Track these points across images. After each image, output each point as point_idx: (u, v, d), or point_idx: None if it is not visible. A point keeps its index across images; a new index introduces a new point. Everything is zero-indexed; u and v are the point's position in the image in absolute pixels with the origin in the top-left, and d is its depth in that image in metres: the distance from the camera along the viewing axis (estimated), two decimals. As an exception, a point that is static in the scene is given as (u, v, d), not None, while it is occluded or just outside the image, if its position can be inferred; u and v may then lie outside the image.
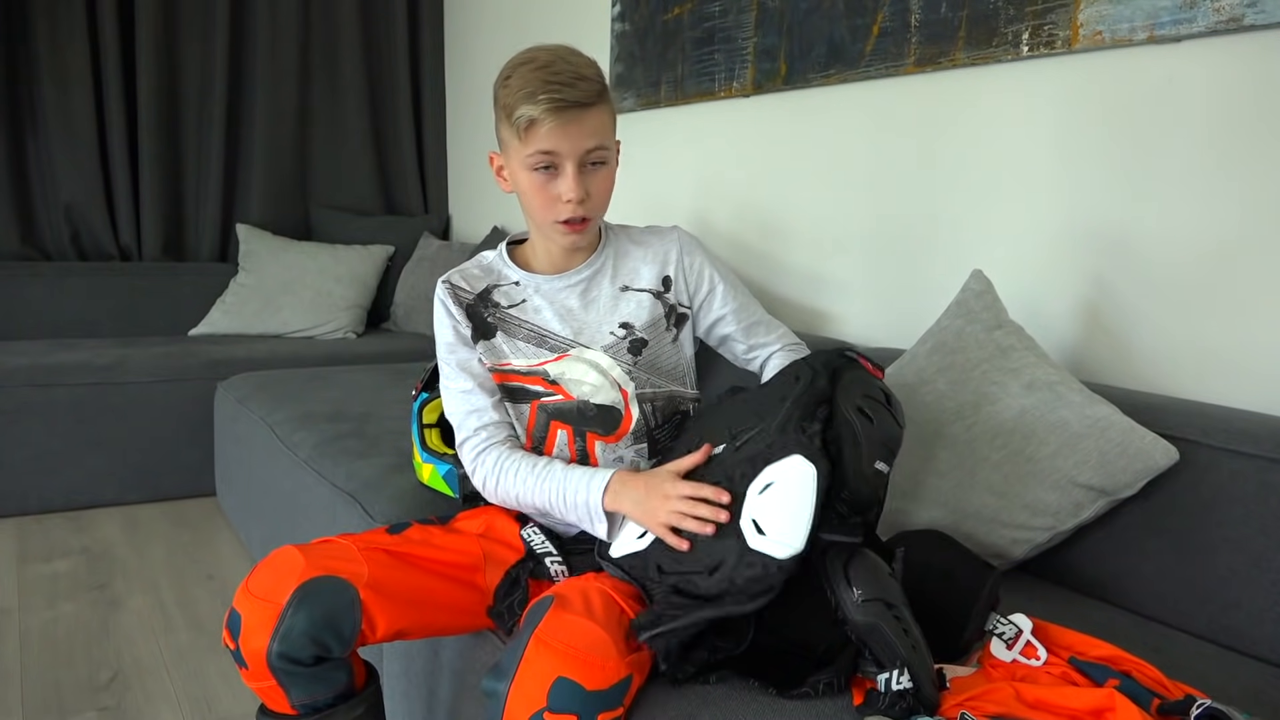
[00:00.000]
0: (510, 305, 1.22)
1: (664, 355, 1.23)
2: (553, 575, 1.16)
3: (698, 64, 2.34)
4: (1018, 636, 0.98)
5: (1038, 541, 1.29)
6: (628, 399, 1.19)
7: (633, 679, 0.92)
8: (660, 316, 1.24)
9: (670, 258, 1.27)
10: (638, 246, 1.27)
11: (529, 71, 1.10)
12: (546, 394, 1.19)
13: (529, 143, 1.11)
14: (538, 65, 1.10)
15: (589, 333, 1.21)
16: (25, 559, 2.37)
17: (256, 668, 1.03)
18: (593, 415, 1.19)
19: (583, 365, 1.19)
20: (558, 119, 1.09)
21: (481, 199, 3.66)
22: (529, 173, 1.13)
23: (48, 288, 3.14)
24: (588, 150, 1.12)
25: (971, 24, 1.65)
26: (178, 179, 3.45)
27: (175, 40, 3.36)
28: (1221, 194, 1.35)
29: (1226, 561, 1.18)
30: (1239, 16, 1.28)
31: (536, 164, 1.12)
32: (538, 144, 1.11)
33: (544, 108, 1.08)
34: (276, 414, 2.19)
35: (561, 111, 1.09)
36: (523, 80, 1.10)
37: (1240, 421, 1.24)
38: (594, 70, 1.14)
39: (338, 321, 3.30)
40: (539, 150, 1.11)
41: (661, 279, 1.25)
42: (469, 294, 1.23)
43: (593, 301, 1.23)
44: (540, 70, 1.10)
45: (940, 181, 1.78)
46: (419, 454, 1.53)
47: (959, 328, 1.44)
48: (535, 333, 1.21)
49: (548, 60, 1.11)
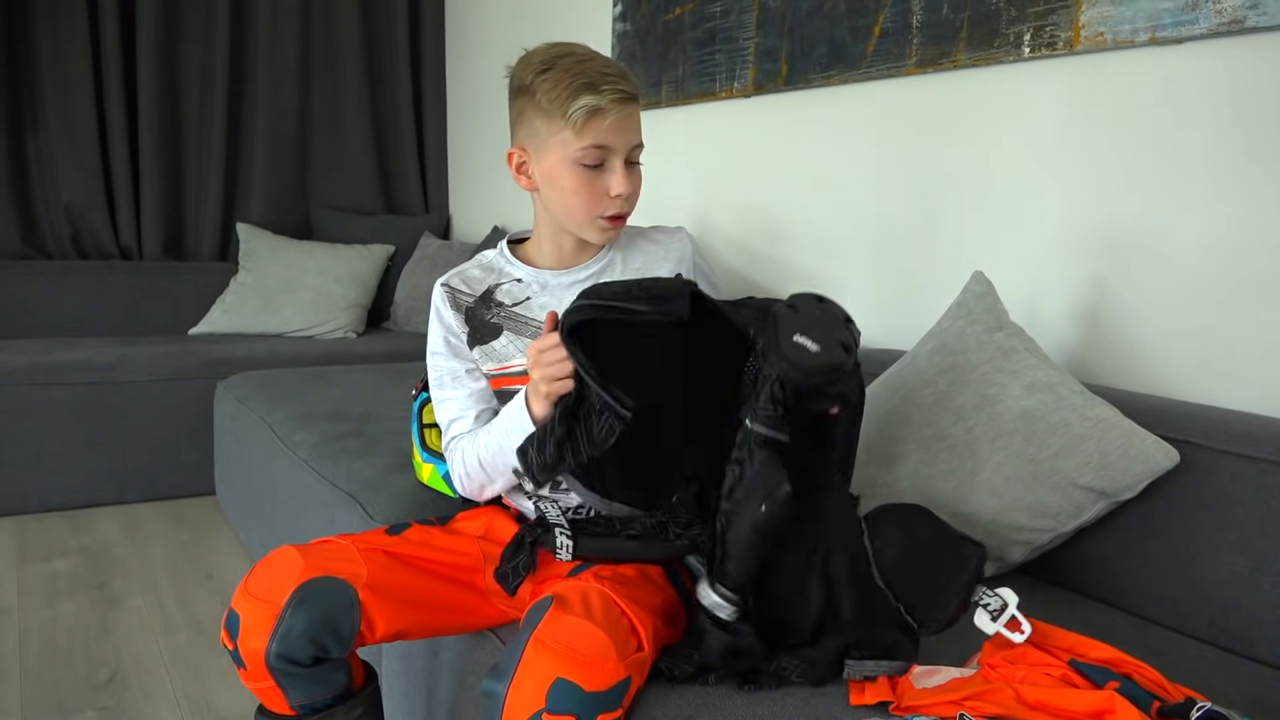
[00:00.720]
0: (514, 304, 1.21)
1: None
2: (557, 548, 1.14)
3: (699, 64, 2.34)
4: (1003, 609, 0.96)
5: (1038, 543, 1.29)
6: None
7: (632, 680, 0.92)
8: None
9: (686, 255, 1.26)
10: (649, 243, 1.26)
11: (574, 64, 1.07)
12: None
13: (585, 135, 1.08)
14: (580, 57, 1.08)
15: None
16: (25, 558, 2.37)
17: (255, 668, 1.03)
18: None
19: None
20: (621, 111, 1.08)
21: (482, 198, 3.66)
22: (576, 168, 1.10)
23: (48, 287, 3.14)
24: (635, 146, 1.12)
25: (973, 25, 1.65)
26: (178, 178, 3.45)
27: (176, 39, 3.36)
28: (1223, 196, 1.35)
29: (1227, 564, 1.18)
30: (1241, 18, 1.28)
31: (586, 159, 1.09)
32: (595, 137, 1.08)
33: (610, 98, 1.06)
34: (276, 413, 2.19)
35: (624, 104, 1.08)
36: (572, 73, 1.06)
37: (1241, 424, 1.24)
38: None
39: (338, 321, 3.30)
40: (593, 144, 1.08)
41: (674, 275, 1.25)
42: (469, 296, 1.22)
43: None
44: (587, 63, 1.07)
45: (941, 182, 1.77)
46: (419, 454, 1.53)
47: (960, 329, 1.44)
48: (540, 331, 1.20)
49: (587, 54, 1.09)
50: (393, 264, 3.58)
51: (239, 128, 3.53)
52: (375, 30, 3.73)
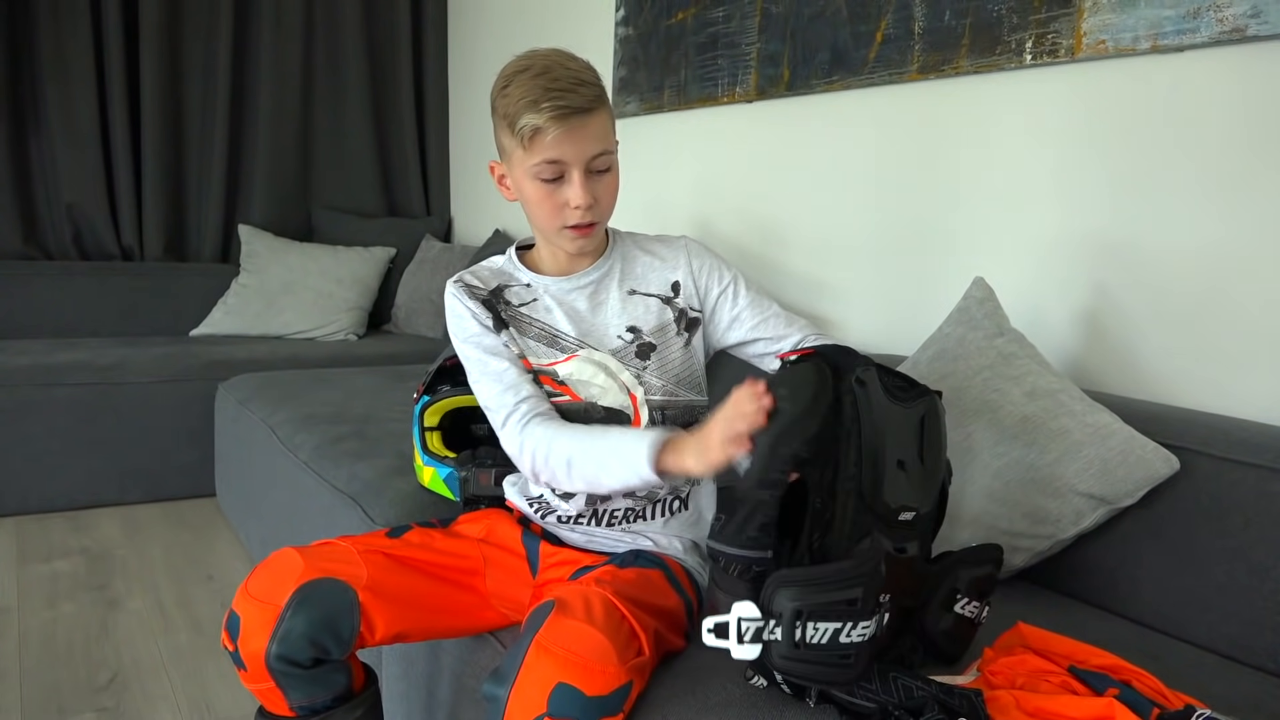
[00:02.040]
0: (521, 304, 1.21)
1: (674, 360, 1.22)
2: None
3: (701, 69, 2.34)
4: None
5: (1038, 550, 1.29)
6: (636, 403, 1.18)
7: (633, 685, 0.92)
8: (669, 321, 1.23)
9: (679, 263, 1.25)
10: (645, 253, 1.26)
11: (528, 79, 1.08)
12: (554, 394, 1.18)
13: (534, 152, 1.09)
14: (535, 72, 1.08)
15: (597, 335, 1.20)
16: (25, 559, 2.37)
17: (255, 669, 1.03)
18: (599, 418, 1.18)
19: (591, 366, 1.18)
20: (562, 126, 1.07)
21: (484, 202, 3.66)
22: (535, 182, 1.11)
23: (50, 287, 3.14)
24: (593, 156, 1.11)
25: (975, 32, 1.65)
26: (180, 179, 3.45)
27: (178, 40, 3.37)
28: (1225, 204, 1.35)
29: (1226, 571, 1.18)
30: (1242, 27, 1.29)
31: (542, 173, 1.10)
32: (543, 153, 1.09)
33: (548, 115, 1.06)
34: (277, 415, 2.19)
35: (565, 119, 1.07)
36: (522, 88, 1.08)
37: (1240, 431, 1.24)
38: (592, 74, 1.12)
39: (339, 323, 3.30)
40: (544, 159, 1.09)
41: (670, 284, 1.24)
42: (482, 289, 1.21)
43: (601, 304, 1.22)
44: (539, 77, 1.07)
45: (942, 189, 1.78)
46: (420, 457, 1.54)
47: (960, 335, 1.44)
48: (547, 332, 1.20)
49: (545, 66, 1.09)
50: (394, 266, 3.59)
51: (241, 129, 3.53)
52: (377, 33, 3.74)
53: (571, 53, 1.14)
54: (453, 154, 3.92)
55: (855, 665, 0.88)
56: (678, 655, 1.06)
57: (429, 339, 3.34)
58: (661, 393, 1.20)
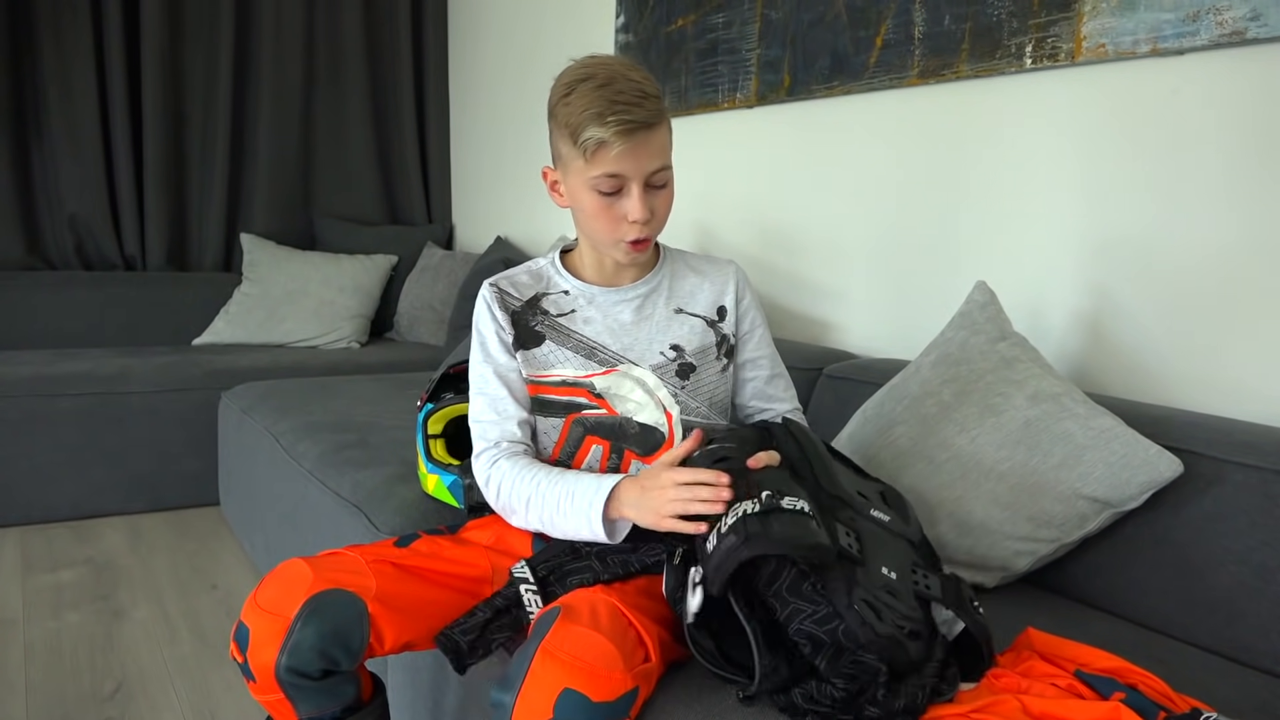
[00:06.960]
0: (559, 314, 1.21)
1: (711, 383, 1.22)
2: (526, 606, 1.09)
3: (701, 75, 2.35)
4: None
5: (1042, 553, 1.29)
6: (671, 421, 1.18)
7: (639, 691, 0.92)
8: (711, 344, 1.23)
9: (728, 289, 1.25)
10: (695, 273, 1.26)
11: (591, 89, 1.06)
12: (590, 406, 1.18)
13: (595, 165, 1.08)
14: (600, 82, 1.06)
15: (639, 349, 1.20)
16: (29, 569, 2.37)
17: (264, 681, 1.03)
18: (634, 433, 1.18)
19: (630, 381, 1.18)
20: (627, 142, 1.06)
21: (485, 209, 3.67)
22: (593, 194, 1.10)
23: (52, 297, 3.15)
24: (653, 171, 1.10)
25: (975, 36, 1.66)
26: (182, 189, 3.46)
27: (180, 51, 3.38)
28: (1226, 206, 1.36)
29: (1231, 573, 1.18)
30: (1242, 30, 1.29)
31: (601, 186, 1.09)
32: (605, 166, 1.07)
33: (613, 130, 1.05)
34: (280, 424, 2.19)
35: (631, 134, 1.06)
36: (586, 99, 1.06)
37: (1244, 434, 1.24)
38: (655, 87, 1.11)
39: (341, 331, 3.31)
40: (605, 173, 1.08)
41: (717, 308, 1.24)
42: (516, 300, 1.21)
43: (647, 319, 1.21)
44: (604, 88, 1.06)
45: (944, 193, 1.78)
46: (424, 464, 1.54)
47: (963, 339, 1.44)
48: (584, 344, 1.20)
49: (609, 76, 1.07)
50: (396, 274, 3.59)
51: (242, 138, 3.54)
52: (378, 41, 3.75)
53: (632, 61, 1.14)
54: (454, 161, 3.93)
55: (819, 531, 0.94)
56: (684, 663, 1.06)
57: (431, 346, 3.34)
58: (696, 414, 1.20)
